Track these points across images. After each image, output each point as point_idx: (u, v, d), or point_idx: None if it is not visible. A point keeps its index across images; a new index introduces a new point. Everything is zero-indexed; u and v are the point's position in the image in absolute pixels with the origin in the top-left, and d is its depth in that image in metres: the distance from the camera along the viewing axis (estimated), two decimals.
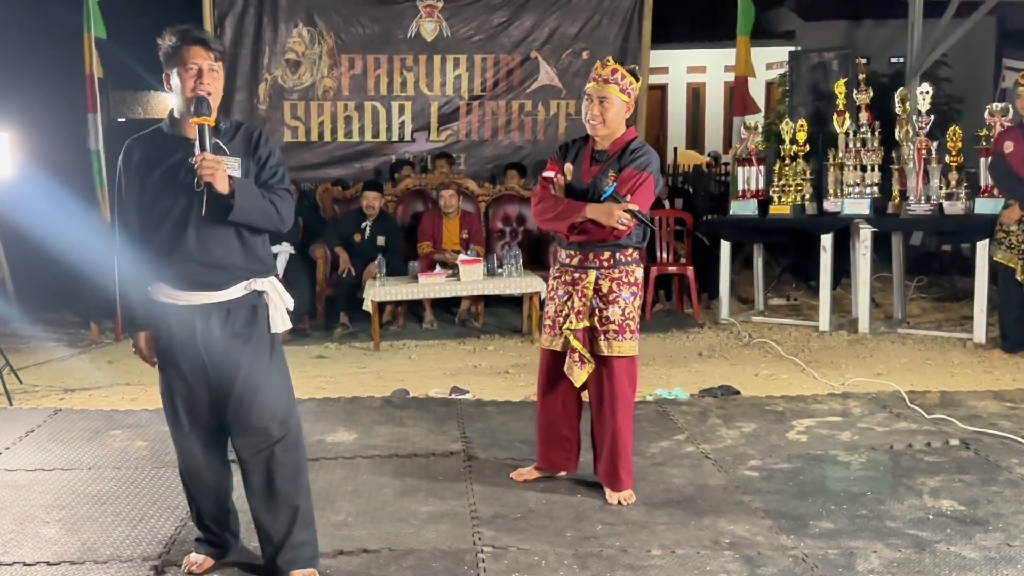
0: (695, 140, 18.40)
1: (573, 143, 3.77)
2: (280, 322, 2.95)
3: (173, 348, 2.89)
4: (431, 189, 7.89)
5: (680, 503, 3.61)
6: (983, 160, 6.37)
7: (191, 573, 3.06)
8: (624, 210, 3.45)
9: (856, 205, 6.88)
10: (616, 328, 3.57)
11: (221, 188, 2.70)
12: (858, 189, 6.96)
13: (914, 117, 6.72)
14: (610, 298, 3.58)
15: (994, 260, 6.06)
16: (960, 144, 6.47)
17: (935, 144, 6.62)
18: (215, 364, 2.86)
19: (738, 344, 6.65)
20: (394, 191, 7.96)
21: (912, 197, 6.63)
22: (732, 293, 7.64)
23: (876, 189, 6.97)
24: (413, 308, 7.38)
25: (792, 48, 10.53)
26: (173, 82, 2.81)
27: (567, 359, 3.64)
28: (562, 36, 8.64)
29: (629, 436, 3.65)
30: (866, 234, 6.76)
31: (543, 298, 3.89)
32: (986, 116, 6.42)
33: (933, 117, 6.66)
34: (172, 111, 2.88)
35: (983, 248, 6.30)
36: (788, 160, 7.21)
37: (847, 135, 7.08)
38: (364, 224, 7.33)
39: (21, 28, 10.40)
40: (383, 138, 8.68)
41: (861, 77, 7.13)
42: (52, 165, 8.87)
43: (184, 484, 3.08)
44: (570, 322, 3.61)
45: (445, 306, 7.48)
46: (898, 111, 6.85)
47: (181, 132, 2.85)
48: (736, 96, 8.57)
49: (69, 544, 3.28)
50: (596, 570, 3.05)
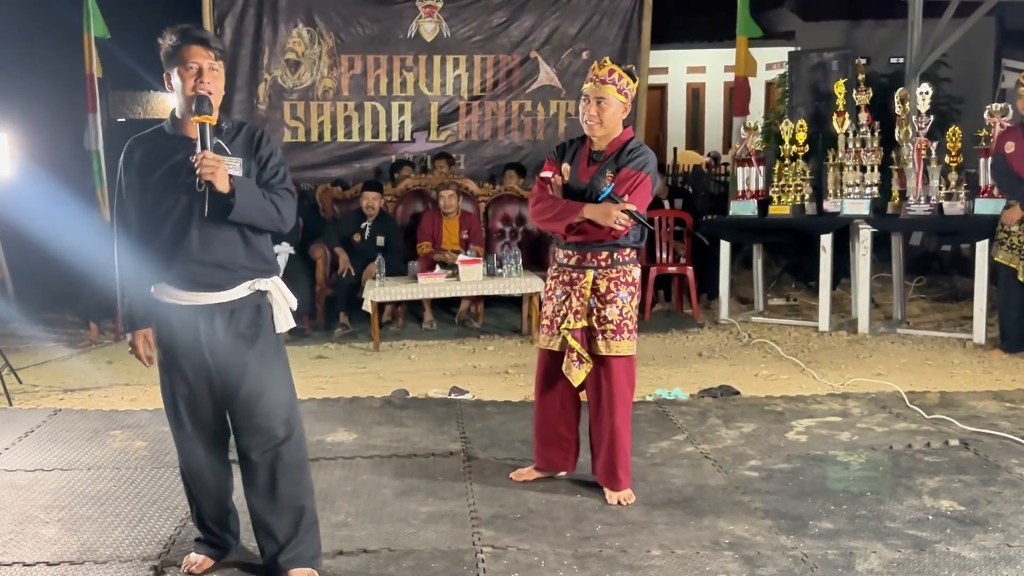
0: (695, 140, 18.39)
1: (570, 143, 3.77)
2: (284, 322, 2.95)
3: (175, 348, 2.88)
4: (431, 189, 7.89)
5: (680, 503, 3.61)
6: (983, 160, 6.36)
7: (191, 573, 3.05)
8: (622, 210, 3.45)
9: (856, 205, 6.88)
10: (614, 328, 3.57)
11: (221, 187, 2.70)
12: (858, 189, 6.96)
13: (914, 117, 6.72)
14: (608, 298, 3.58)
15: (995, 261, 6.05)
16: (960, 144, 6.47)
17: (935, 144, 6.62)
18: (219, 365, 2.86)
19: (738, 344, 6.65)
20: (394, 191, 7.95)
21: (912, 197, 6.63)
22: (732, 293, 7.63)
23: (876, 189, 6.96)
24: (413, 308, 7.38)
25: (792, 48, 10.53)
26: (174, 81, 2.80)
27: (565, 359, 3.64)
28: (562, 36, 8.64)
29: (627, 436, 3.65)
30: (866, 234, 6.76)
31: (543, 298, 3.89)
32: (986, 116, 6.41)
33: (933, 117, 6.66)
34: (174, 111, 2.88)
35: (982, 248, 6.30)
36: (788, 160, 7.21)
37: (847, 135, 7.07)
38: (364, 224, 7.33)
39: (21, 28, 10.42)
40: (383, 138, 8.68)
41: (861, 77, 7.12)
42: (52, 165, 8.88)
43: (185, 484, 3.08)
44: (568, 322, 3.61)
45: (445, 306, 7.47)
46: (898, 111, 6.85)
47: (182, 132, 2.84)
48: (736, 96, 8.58)
49: (69, 544, 3.28)
50: (596, 570, 3.05)
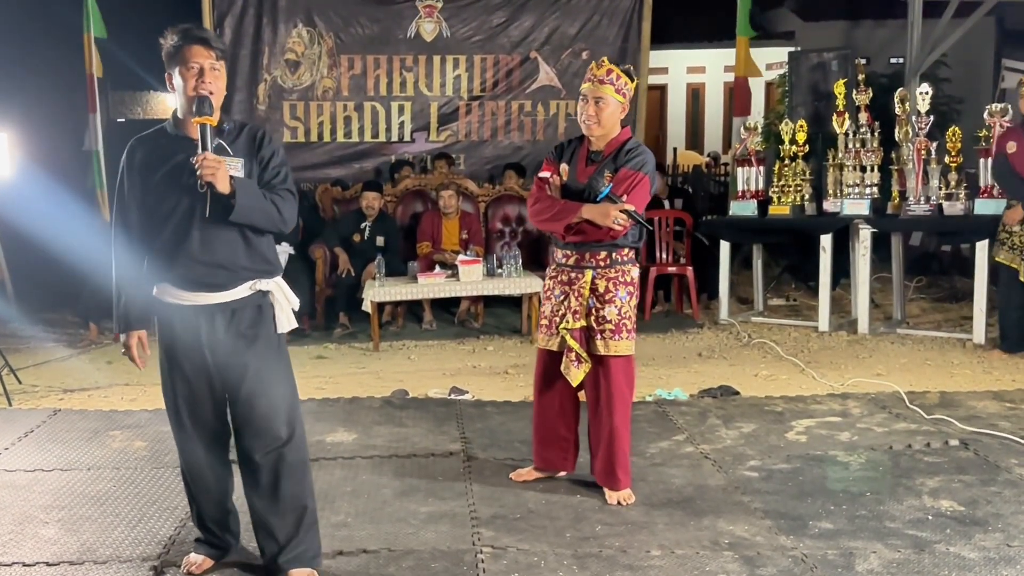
0: (695, 140, 18.39)
1: (568, 143, 3.78)
2: (286, 322, 2.94)
3: (176, 349, 2.88)
4: (431, 189, 7.89)
5: (679, 503, 3.61)
6: (982, 161, 6.36)
7: (190, 573, 3.05)
8: (620, 210, 3.45)
9: (855, 205, 6.88)
10: (612, 327, 3.57)
11: (222, 188, 2.69)
12: (857, 190, 6.96)
13: (913, 117, 6.72)
14: (606, 297, 3.58)
15: (996, 261, 6.05)
16: (959, 145, 6.47)
17: (935, 145, 6.62)
18: (219, 365, 2.86)
19: (737, 344, 6.65)
20: (393, 191, 7.95)
21: (911, 198, 6.63)
22: (731, 293, 7.63)
23: (875, 190, 6.96)
24: (412, 308, 7.38)
25: (792, 48, 10.54)
26: (175, 81, 2.79)
27: (564, 359, 3.64)
28: (562, 36, 8.64)
29: (626, 435, 3.65)
30: (865, 234, 6.76)
31: (542, 298, 3.90)
32: (985, 117, 6.41)
33: (932, 118, 6.66)
34: (175, 111, 2.87)
35: (982, 248, 6.30)
36: (788, 160, 7.21)
37: (846, 135, 7.08)
38: (363, 224, 7.33)
39: (21, 28, 10.42)
40: (383, 138, 8.68)
41: (860, 77, 7.12)
42: (52, 165, 8.88)
43: (186, 485, 3.08)
44: (566, 321, 3.61)
45: (444, 306, 7.47)
46: (897, 111, 6.85)
47: (184, 132, 2.83)
48: (736, 96, 8.58)
49: (68, 544, 3.28)
50: (595, 570, 3.05)
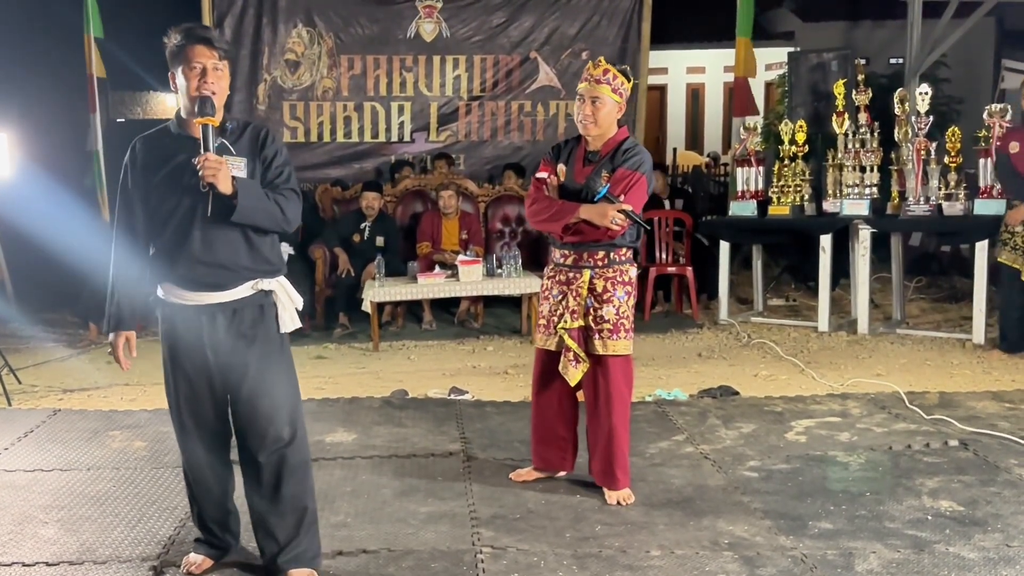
0: (694, 141, 18.40)
1: (565, 144, 3.78)
2: (289, 322, 2.95)
3: (178, 349, 2.88)
4: (430, 190, 7.89)
5: (679, 503, 3.61)
6: (982, 161, 6.35)
7: (190, 573, 3.05)
8: (618, 210, 3.46)
9: (855, 206, 6.89)
10: (611, 327, 3.57)
11: (224, 189, 2.69)
12: (857, 190, 6.96)
13: (913, 118, 6.72)
14: (604, 297, 3.58)
15: (998, 261, 6.05)
16: (959, 145, 6.47)
17: (934, 145, 6.62)
18: (220, 365, 2.85)
19: (737, 345, 6.65)
20: (393, 191, 7.96)
21: (911, 198, 6.63)
22: (731, 294, 7.64)
23: (875, 190, 6.97)
24: (412, 309, 7.38)
25: (791, 49, 10.55)
26: (178, 81, 2.79)
27: (562, 358, 3.65)
28: (561, 37, 8.64)
29: (625, 435, 3.65)
30: (865, 235, 6.76)
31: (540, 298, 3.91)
32: (985, 117, 6.40)
33: (932, 118, 6.66)
34: (179, 111, 2.87)
35: (982, 249, 6.29)
36: (787, 161, 7.21)
37: (846, 136, 7.08)
38: (363, 225, 7.33)
39: (21, 28, 10.42)
40: (382, 138, 8.68)
41: (860, 78, 7.12)
42: (52, 165, 8.88)
43: (187, 485, 3.08)
44: (564, 321, 3.61)
45: (444, 306, 7.47)
46: (897, 112, 6.85)
47: (187, 132, 2.82)
48: (736, 97, 8.58)
49: (68, 544, 3.28)
50: (595, 570, 3.05)
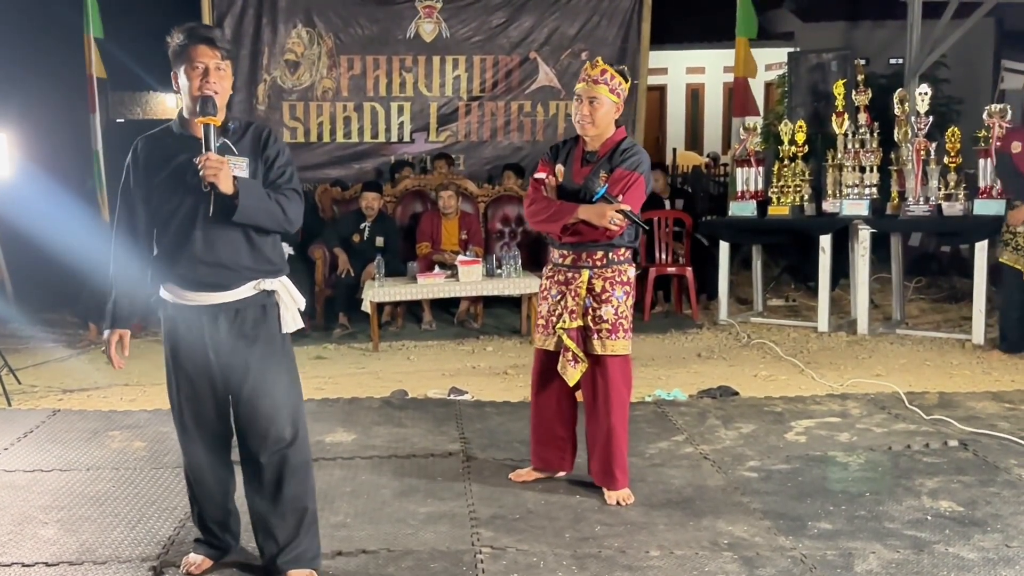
0: (694, 141, 18.40)
1: (564, 144, 3.78)
2: (291, 322, 2.95)
3: (180, 349, 2.88)
4: (430, 190, 7.89)
5: (679, 504, 3.61)
6: (982, 161, 6.35)
7: (190, 574, 3.05)
8: (616, 210, 3.46)
9: (855, 206, 6.89)
10: (609, 327, 3.57)
11: (225, 189, 2.68)
12: (857, 190, 6.96)
13: (913, 118, 6.72)
14: (603, 297, 3.58)
15: (999, 262, 6.05)
16: (959, 145, 6.47)
17: (934, 145, 6.62)
18: (221, 365, 2.85)
19: (737, 345, 6.65)
20: (393, 192, 7.96)
21: (911, 198, 6.63)
22: (731, 294, 7.64)
23: (875, 190, 6.97)
24: (412, 309, 7.38)
25: (791, 49, 10.55)
26: (180, 81, 2.78)
27: (560, 358, 3.65)
28: (561, 37, 8.64)
29: (624, 435, 3.65)
30: (865, 235, 6.76)
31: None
32: (985, 117, 6.41)
33: (932, 118, 6.66)
34: (181, 110, 2.86)
35: (981, 249, 6.29)
36: (787, 161, 7.21)
37: (846, 136, 7.08)
38: (363, 225, 7.33)
39: (21, 28, 10.42)
40: (382, 139, 8.68)
41: (860, 78, 7.12)
42: (52, 165, 8.88)
43: (188, 485, 3.07)
44: (563, 321, 3.61)
45: (444, 307, 7.47)
46: (897, 112, 6.86)
47: (189, 131, 2.82)
48: (736, 97, 8.58)
49: (67, 545, 3.28)
50: (595, 571, 3.05)
